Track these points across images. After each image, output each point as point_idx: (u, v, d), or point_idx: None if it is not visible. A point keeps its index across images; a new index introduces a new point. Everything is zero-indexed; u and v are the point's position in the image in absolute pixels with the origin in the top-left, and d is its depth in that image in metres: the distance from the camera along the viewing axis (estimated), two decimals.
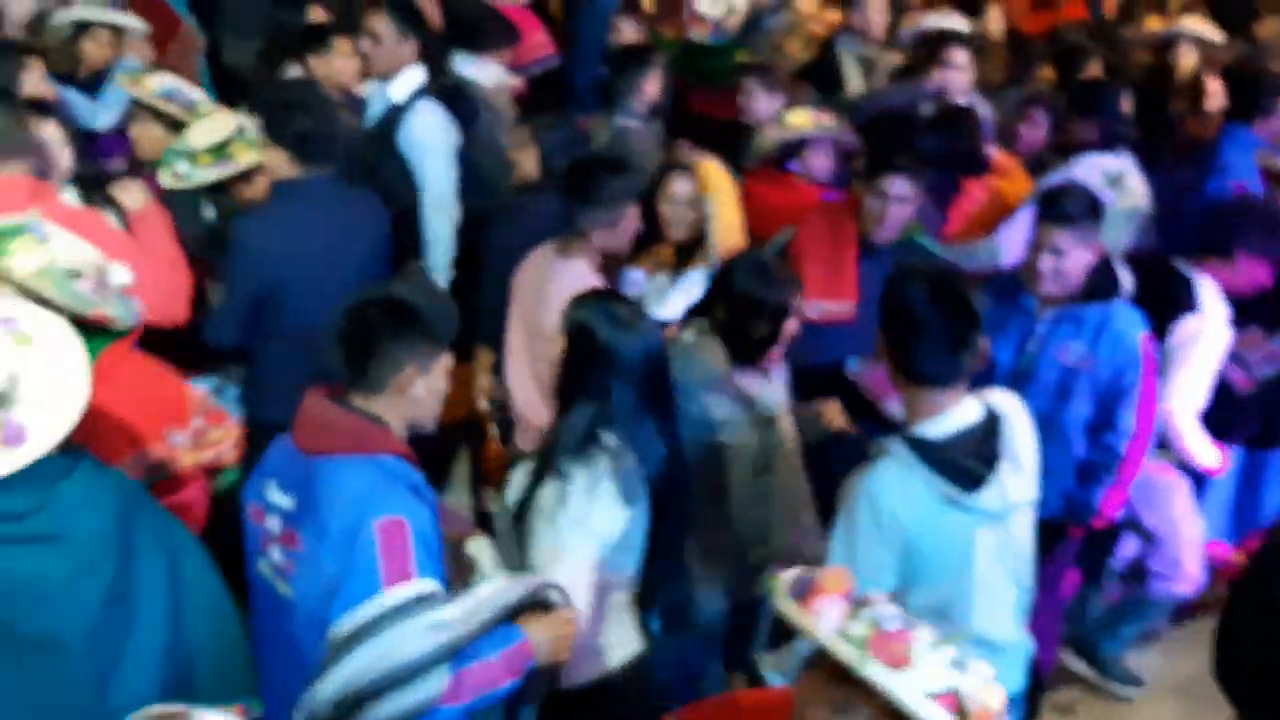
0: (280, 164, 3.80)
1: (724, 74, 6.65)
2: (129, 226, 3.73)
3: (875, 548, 2.54)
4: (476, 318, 4.21)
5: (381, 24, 4.72)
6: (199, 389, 3.17)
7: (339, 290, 3.40)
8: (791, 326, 3.39)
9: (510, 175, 4.54)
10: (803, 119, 4.95)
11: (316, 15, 5.98)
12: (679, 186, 4.25)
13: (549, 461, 2.79)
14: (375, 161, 4.59)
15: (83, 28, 5.26)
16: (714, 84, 6.71)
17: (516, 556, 2.84)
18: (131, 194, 3.76)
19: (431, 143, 4.63)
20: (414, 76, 4.70)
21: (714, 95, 6.68)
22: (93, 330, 2.72)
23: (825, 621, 1.94)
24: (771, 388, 3.46)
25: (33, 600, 2.25)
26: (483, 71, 5.40)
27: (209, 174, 3.94)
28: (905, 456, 2.61)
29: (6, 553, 2.24)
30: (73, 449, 2.34)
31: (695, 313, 3.49)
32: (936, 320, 2.62)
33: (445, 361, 2.59)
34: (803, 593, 2.01)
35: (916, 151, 4.36)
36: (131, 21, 5.49)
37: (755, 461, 3.34)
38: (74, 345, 2.37)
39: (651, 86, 5.28)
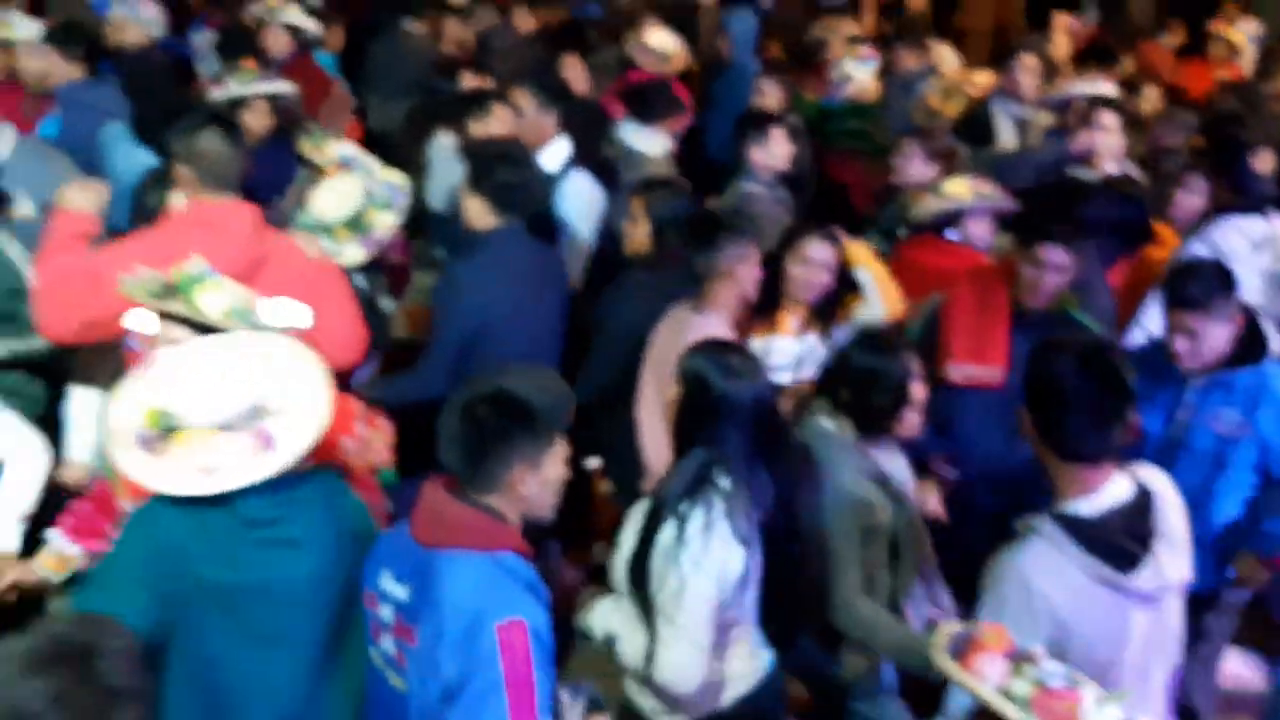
0: (480, 213, 3.99)
1: (843, 136, 6.72)
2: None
3: (1025, 629, 2.48)
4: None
5: (524, 98, 4.90)
6: (353, 399, 3.27)
7: (531, 337, 3.77)
8: (918, 393, 3.35)
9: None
10: (962, 188, 4.85)
11: (469, 82, 6.20)
12: (814, 249, 4.15)
13: (664, 504, 2.86)
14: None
15: (240, 103, 5.40)
16: (837, 147, 6.79)
17: (632, 606, 2.92)
18: (310, 245, 3.93)
19: (582, 209, 4.85)
20: (562, 148, 4.90)
21: (840, 158, 6.76)
22: None
23: (988, 679, 1.93)
24: (899, 460, 3.46)
25: (279, 600, 2.52)
26: (649, 140, 5.53)
27: (357, 254, 3.98)
28: (1056, 535, 2.55)
29: (259, 556, 2.51)
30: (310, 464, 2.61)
31: (820, 390, 3.49)
32: (1086, 394, 2.57)
33: (559, 451, 2.54)
34: (961, 650, 2.01)
35: (1076, 220, 4.28)
36: (283, 87, 5.66)
37: (891, 539, 3.33)
38: (315, 366, 2.66)
39: (777, 151, 5.31)
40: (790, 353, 4.12)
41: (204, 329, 2.89)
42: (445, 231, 5.22)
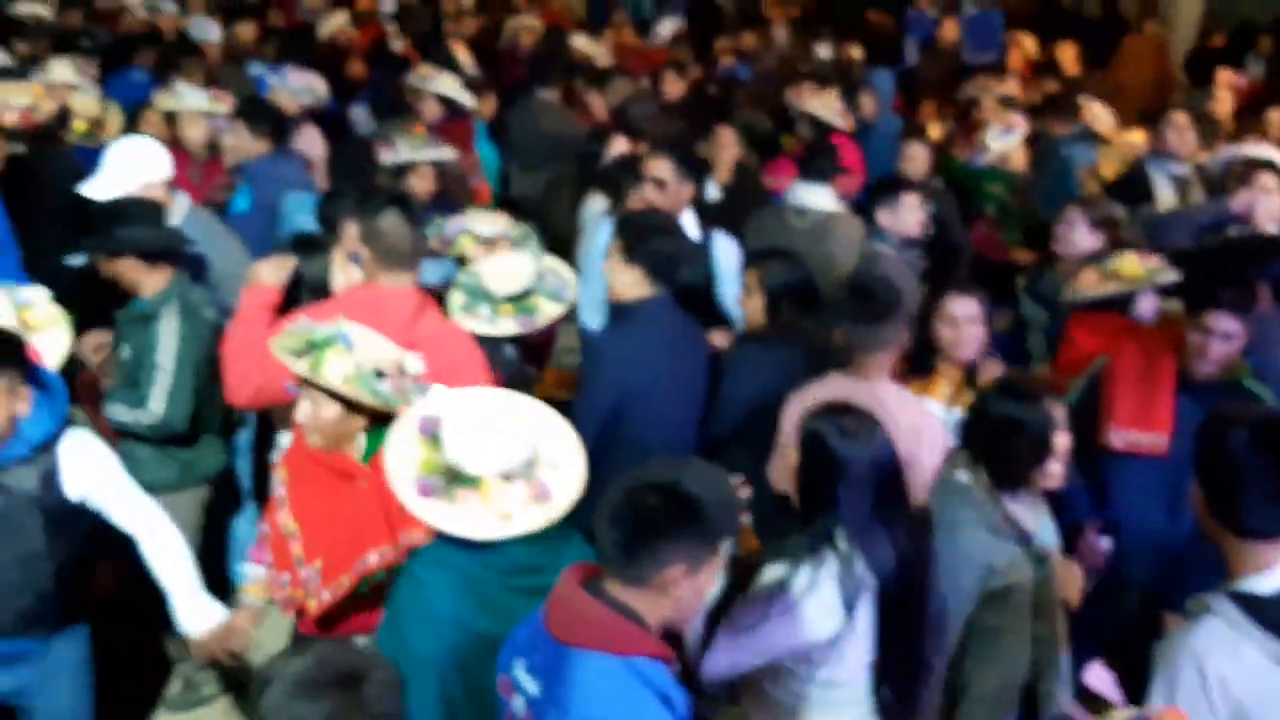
0: (631, 283, 4.00)
1: (982, 200, 6.65)
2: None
3: (1201, 713, 2.38)
4: None
5: (665, 169, 4.99)
6: None
7: (674, 409, 3.84)
8: (1062, 443, 3.23)
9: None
10: (1136, 270, 4.62)
11: (617, 147, 6.32)
12: (957, 306, 4.05)
13: (780, 553, 2.95)
14: None
15: (408, 167, 5.57)
16: (976, 211, 6.72)
17: None
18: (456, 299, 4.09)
19: (729, 269, 4.93)
20: (689, 219, 5.06)
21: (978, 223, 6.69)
22: (386, 420, 3.05)
23: None
24: (1043, 518, 3.36)
25: None
26: (820, 198, 5.56)
27: (510, 326, 4.10)
28: (1232, 615, 2.45)
29: (520, 603, 2.61)
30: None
31: (961, 443, 3.41)
32: (1263, 469, 2.47)
33: (718, 562, 2.42)
34: None
35: (1246, 285, 4.12)
36: (447, 154, 5.83)
37: (1032, 601, 3.24)
38: (564, 424, 2.83)
39: (906, 217, 5.27)
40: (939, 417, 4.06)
41: (347, 404, 3.03)
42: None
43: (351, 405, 3.06)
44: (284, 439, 3.94)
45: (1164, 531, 3.95)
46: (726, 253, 5.05)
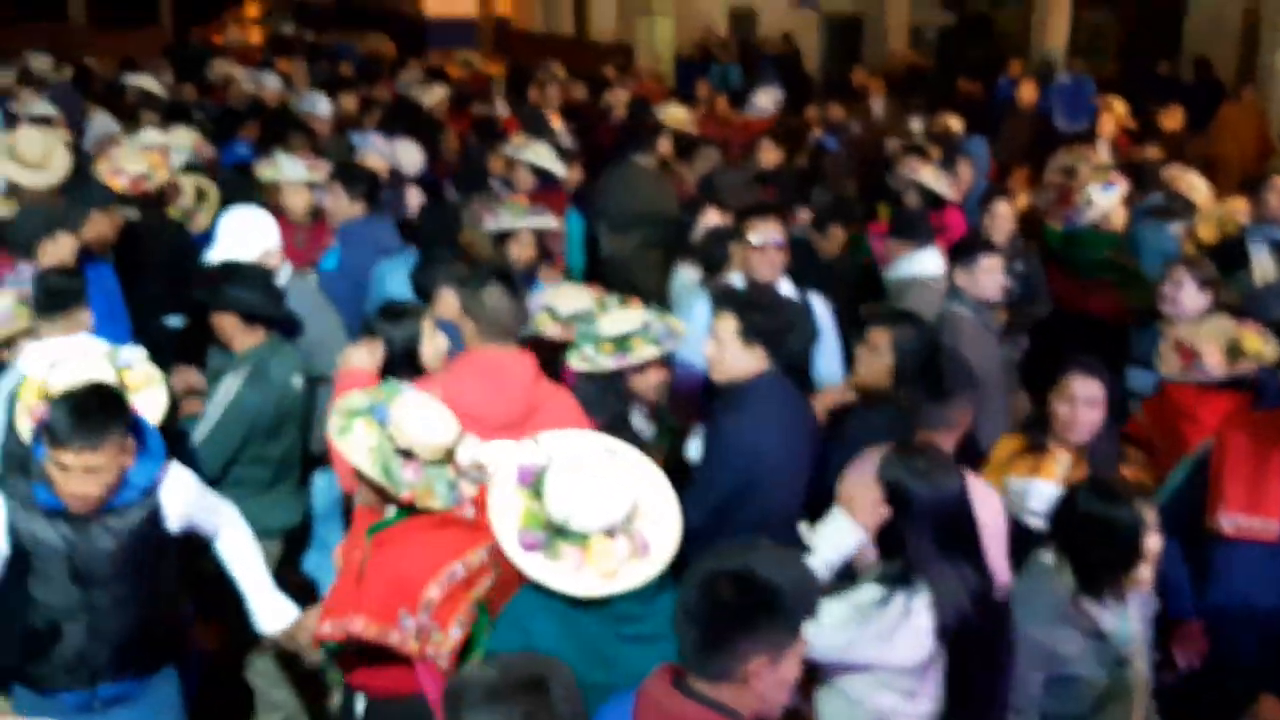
0: (750, 360, 3.93)
1: (1093, 266, 6.52)
2: None
3: None
4: None
5: (766, 233, 5.00)
6: (436, 590, 3.07)
7: (791, 484, 3.80)
8: (1153, 546, 3.14)
9: None
10: (1259, 346, 4.43)
11: (710, 219, 6.35)
12: (1079, 386, 3.96)
13: (876, 577, 3.04)
14: None
15: (509, 234, 5.62)
16: (1085, 275, 6.59)
17: None
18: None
19: (828, 330, 5.05)
20: (785, 282, 5.08)
21: (1081, 286, 6.55)
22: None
23: None
24: (1130, 619, 3.23)
25: None
26: (924, 264, 5.54)
27: (609, 362, 4.16)
28: None
29: (625, 652, 2.69)
30: None
31: (1051, 532, 3.33)
32: None
33: (800, 648, 2.36)
34: None
35: None
36: (549, 222, 5.85)
37: (1099, 697, 3.16)
38: (660, 474, 2.88)
39: (984, 281, 5.19)
40: (1049, 498, 3.90)
41: None
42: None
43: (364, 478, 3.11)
44: None
45: (1271, 616, 3.81)
46: (824, 314, 5.07)
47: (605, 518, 2.72)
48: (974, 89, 13.40)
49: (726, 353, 3.95)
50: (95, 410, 3.17)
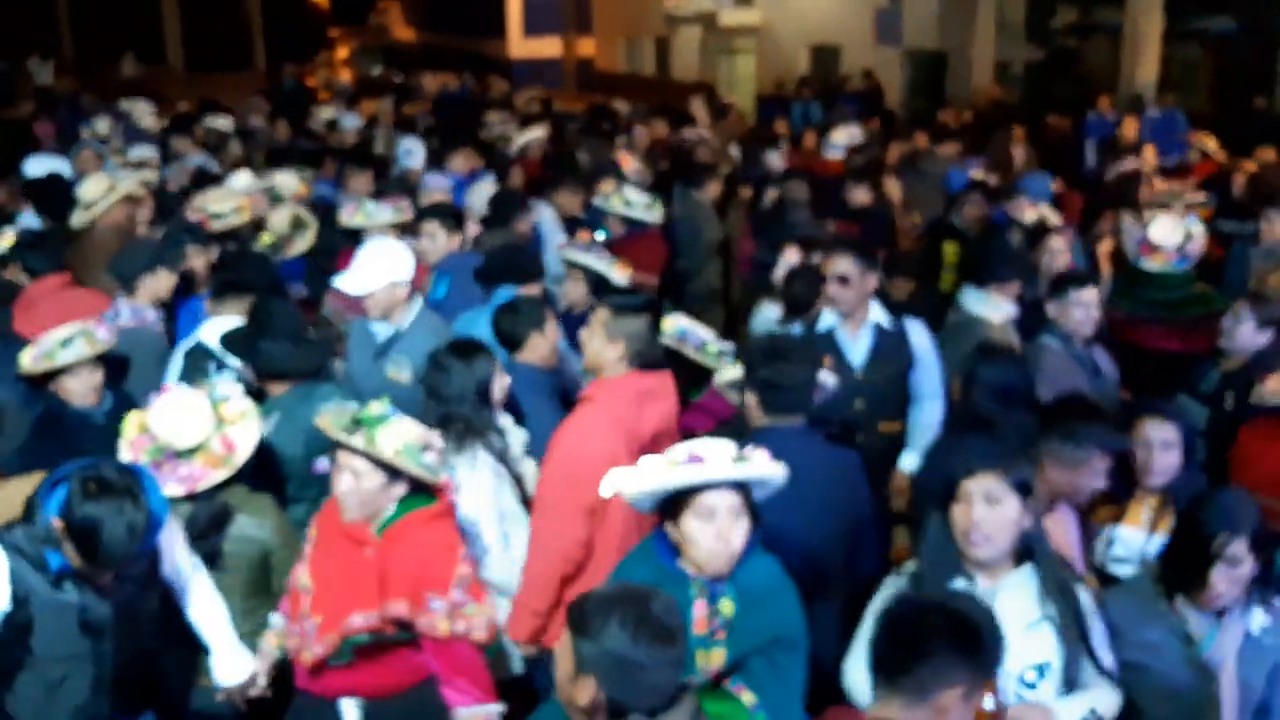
0: (752, 404, 3.82)
1: (1176, 305, 6.33)
2: None
3: None
4: None
5: (847, 265, 4.95)
6: (466, 567, 3.36)
7: (816, 540, 3.55)
8: (1237, 554, 3.07)
9: None
10: None
11: (790, 257, 6.32)
12: (1152, 430, 3.85)
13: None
14: None
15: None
16: (1162, 316, 6.38)
17: None
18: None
19: (928, 354, 5.00)
20: (877, 310, 5.01)
21: (1159, 327, 6.36)
22: (421, 491, 3.36)
23: None
24: (1224, 631, 3.15)
25: None
26: (989, 307, 5.47)
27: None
28: None
29: None
30: None
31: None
32: None
33: (986, 692, 2.42)
34: None
35: None
36: (616, 275, 5.78)
37: (1175, 700, 3.13)
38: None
39: (1076, 311, 5.10)
40: (1134, 546, 3.83)
41: (380, 463, 3.28)
42: None
43: (394, 475, 3.30)
44: None
45: None
46: (921, 340, 4.99)
47: None
48: (1062, 124, 13.23)
49: (748, 404, 3.86)
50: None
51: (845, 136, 10.89)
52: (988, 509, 2.96)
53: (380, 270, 4.80)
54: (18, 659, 3.22)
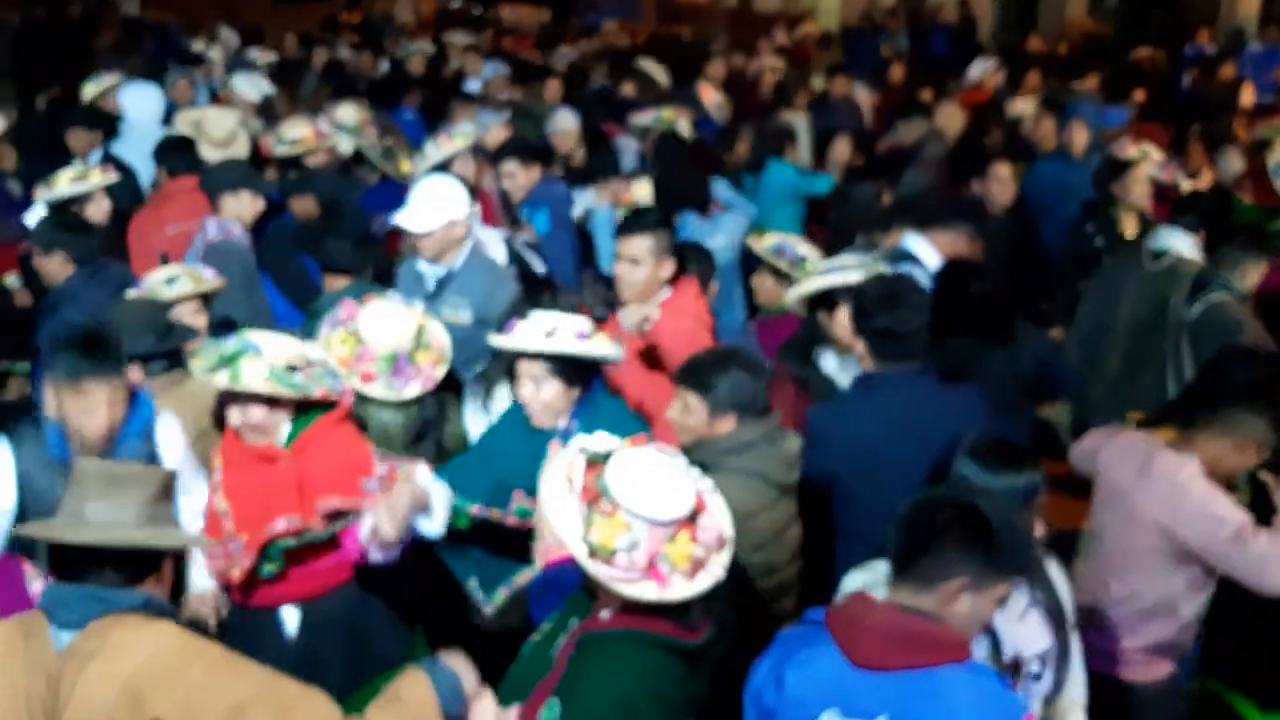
0: (860, 354, 3.72)
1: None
2: None
3: None
4: None
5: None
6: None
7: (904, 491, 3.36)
8: None
9: None
10: None
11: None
12: None
13: None
14: None
15: None
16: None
17: None
18: None
19: None
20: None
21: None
22: (312, 405, 3.48)
23: None
24: None
25: None
26: (1183, 244, 5.32)
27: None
28: None
29: None
30: None
31: None
32: None
33: (1000, 592, 2.45)
34: None
35: None
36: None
37: None
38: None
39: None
40: None
41: (269, 400, 3.40)
42: None
43: (274, 401, 3.42)
44: None
45: None
46: None
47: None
48: (1157, 58, 12.76)
49: (857, 350, 3.75)
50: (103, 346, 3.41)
51: (981, 70, 10.67)
52: None
53: (438, 209, 4.68)
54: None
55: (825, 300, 4.29)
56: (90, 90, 8.25)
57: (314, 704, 2.36)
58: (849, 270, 4.27)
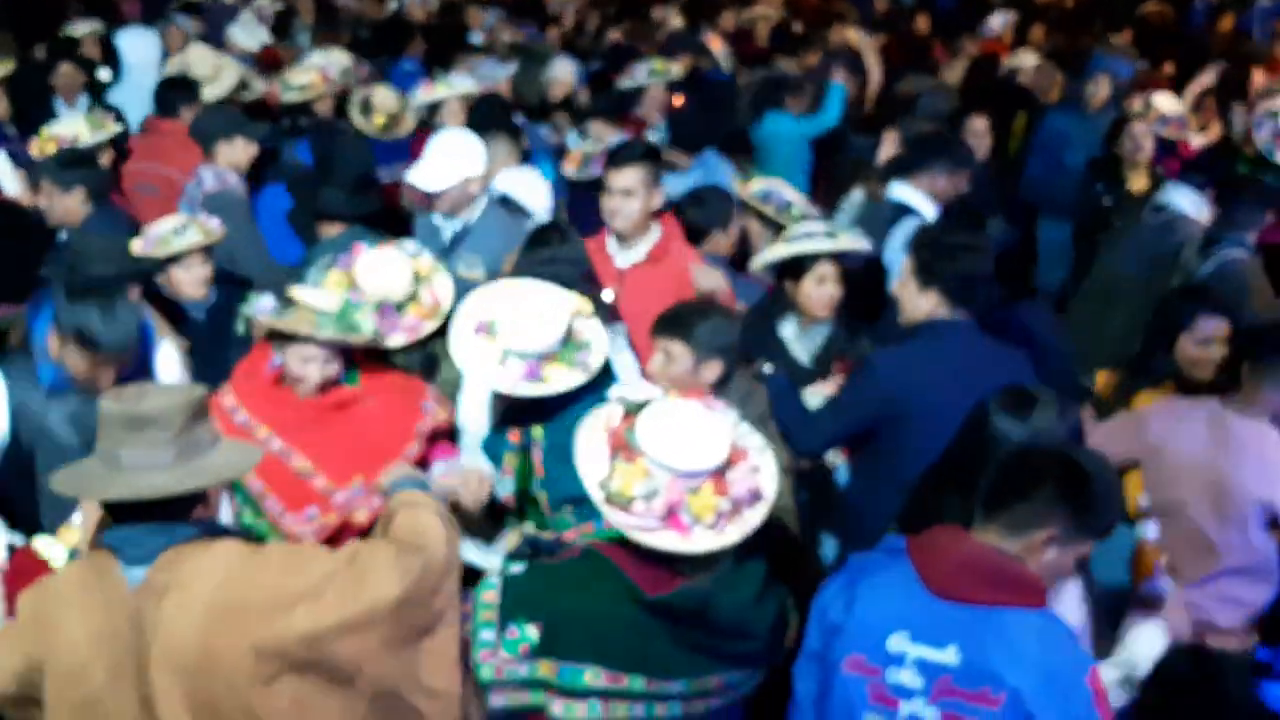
0: (928, 308, 3.65)
1: None
2: None
3: None
4: None
5: None
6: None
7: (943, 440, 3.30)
8: None
9: None
10: None
11: (890, 147, 6.13)
12: None
13: None
14: None
15: None
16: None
17: None
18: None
19: None
20: None
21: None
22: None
23: None
24: None
25: None
26: (1189, 202, 5.42)
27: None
28: None
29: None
30: None
31: None
32: None
33: (1084, 550, 2.46)
34: None
35: None
36: None
37: None
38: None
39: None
40: None
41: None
42: None
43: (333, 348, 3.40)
44: None
45: None
46: None
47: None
48: (1164, 11, 12.59)
49: (905, 293, 3.69)
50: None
51: (1000, 21, 10.55)
52: None
53: (454, 166, 4.60)
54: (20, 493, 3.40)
55: (792, 268, 4.21)
56: (78, 32, 8.15)
57: (373, 549, 2.53)
58: (817, 238, 4.20)
